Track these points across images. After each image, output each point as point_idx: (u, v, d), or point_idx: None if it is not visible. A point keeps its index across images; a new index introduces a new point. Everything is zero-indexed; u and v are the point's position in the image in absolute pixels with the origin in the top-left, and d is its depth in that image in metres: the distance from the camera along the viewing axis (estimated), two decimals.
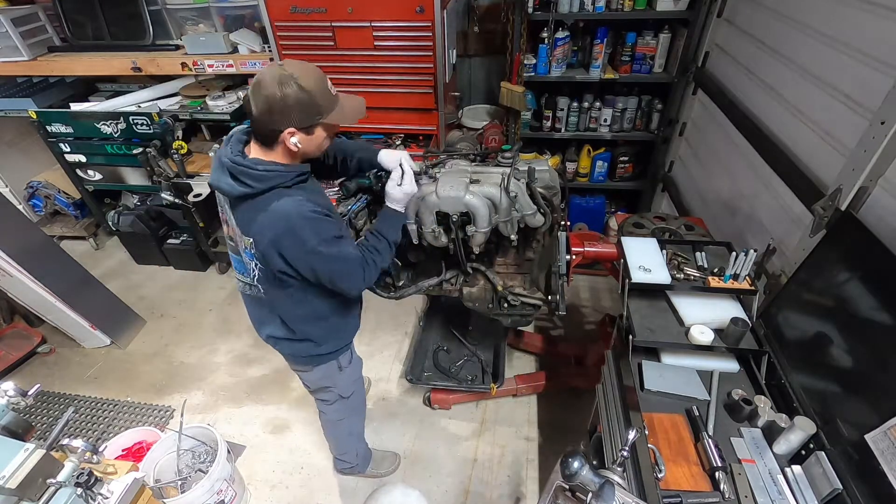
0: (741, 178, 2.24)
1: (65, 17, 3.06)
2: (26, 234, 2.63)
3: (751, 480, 1.23)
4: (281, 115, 1.20)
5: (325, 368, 1.69)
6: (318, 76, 1.25)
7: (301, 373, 1.76)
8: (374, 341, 2.98)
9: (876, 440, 1.12)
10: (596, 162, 3.25)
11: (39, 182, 3.76)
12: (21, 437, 1.31)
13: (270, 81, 1.17)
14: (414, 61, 2.54)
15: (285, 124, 1.21)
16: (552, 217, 1.71)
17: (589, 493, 1.01)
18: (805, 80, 1.79)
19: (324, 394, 1.84)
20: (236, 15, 2.93)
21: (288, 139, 1.24)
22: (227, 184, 1.26)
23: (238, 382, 2.77)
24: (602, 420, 1.63)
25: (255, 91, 1.19)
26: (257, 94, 1.19)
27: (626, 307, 1.69)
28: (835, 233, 1.47)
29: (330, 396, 1.84)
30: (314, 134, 1.28)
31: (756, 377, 1.50)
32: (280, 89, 1.16)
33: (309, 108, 1.22)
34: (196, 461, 2.06)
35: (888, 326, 1.20)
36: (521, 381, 2.52)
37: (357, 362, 1.86)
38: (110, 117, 2.93)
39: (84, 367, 2.91)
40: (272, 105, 1.18)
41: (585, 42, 2.89)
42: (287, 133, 1.23)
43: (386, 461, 2.28)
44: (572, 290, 3.24)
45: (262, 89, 1.18)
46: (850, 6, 1.56)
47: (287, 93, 1.17)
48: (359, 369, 1.89)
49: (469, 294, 1.98)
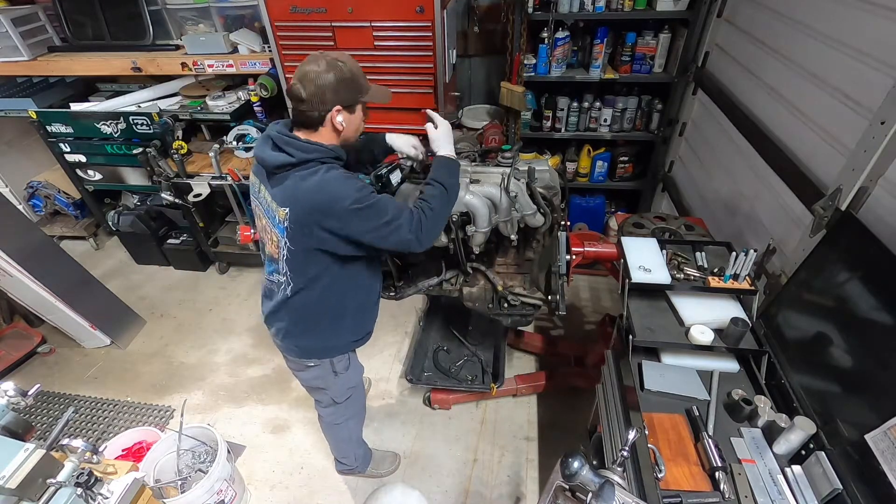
0: (741, 178, 2.24)
1: (65, 17, 3.05)
2: (26, 234, 2.63)
3: (751, 480, 1.23)
4: (333, 93, 1.31)
5: (319, 370, 1.69)
6: (356, 63, 1.38)
7: (297, 371, 1.76)
8: (374, 341, 2.95)
9: (876, 440, 1.12)
10: (596, 162, 3.25)
11: (39, 182, 3.77)
12: (21, 437, 1.31)
13: (322, 65, 1.29)
14: (414, 61, 2.54)
15: (334, 102, 1.32)
16: (552, 217, 1.71)
17: (589, 493, 1.01)
18: (805, 80, 1.79)
19: (318, 394, 1.85)
20: (236, 15, 2.93)
21: (335, 117, 1.35)
22: (270, 154, 1.34)
23: (238, 382, 2.77)
24: (602, 420, 1.63)
25: (304, 77, 1.30)
26: (307, 78, 1.29)
27: (626, 307, 1.69)
28: (835, 233, 1.47)
29: (324, 399, 1.85)
30: (355, 113, 1.40)
31: (756, 377, 1.50)
32: (331, 71, 1.30)
33: (353, 86, 1.35)
34: (196, 461, 2.06)
35: (888, 326, 1.20)
36: (521, 381, 2.52)
37: (356, 370, 1.84)
38: (110, 117, 2.93)
39: (84, 367, 2.91)
40: (325, 85, 1.30)
41: (585, 42, 2.89)
42: (335, 111, 1.34)
43: (386, 461, 2.28)
44: (572, 290, 3.24)
45: (313, 73, 1.29)
46: (850, 6, 1.56)
47: (337, 74, 1.30)
48: (356, 377, 1.86)
49: (469, 294, 1.98)
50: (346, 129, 1.38)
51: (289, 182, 1.33)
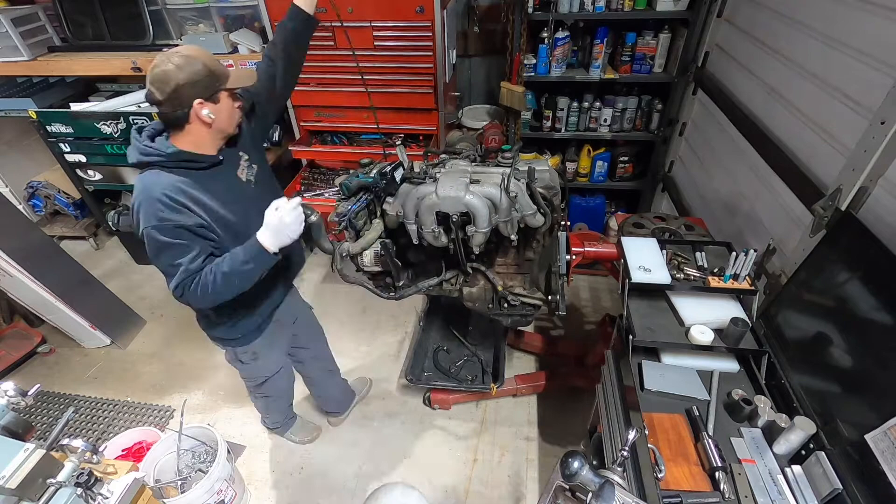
0: (741, 178, 2.24)
1: (65, 17, 3.06)
2: (26, 234, 2.63)
3: (751, 480, 1.23)
4: (190, 87, 1.29)
5: (228, 355, 1.84)
6: (205, 51, 1.35)
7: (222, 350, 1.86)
8: (374, 341, 2.98)
9: (876, 440, 1.12)
10: (596, 162, 3.25)
11: (39, 182, 3.77)
12: (21, 437, 1.30)
13: (171, 63, 1.27)
14: (414, 61, 2.54)
15: (192, 97, 1.30)
16: (552, 217, 1.71)
17: (589, 493, 1.01)
18: (805, 80, 1.79)
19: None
20: (236, 15, 2.93)
21: (200, 111, 1.33)
22: (129, 151, 1.37)
23: (238, 382, 2.73)
24: (602, 420, 1.63)
25: (156, 79, 1.28)
26: (159, 80, 1.28)
27: (626, 307, 1.69)
28: (835, 233, 1.47)
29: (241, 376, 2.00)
30: (221, 102, 1.37)
31: (756, 377, 1.50)
32: (183, 67, 1.27)
33: (209, 75, 1.32)
34: (196, 461, 2.06)
35: (888, 326, 1.20)
36: (521, 381, 2.52)
37: (267, 364, 1.89)
38: (110, 117, 2.92)
39: (84, 367, 2.92)
40: (179, 83, 1.27)
41: (585, 42, 2.89)
42: (197, 105, 1.31)
43: (304, 430, 2.42)
44: (572, 290, 3.24)
45: (164, 73, 1.27)
46: (850, 6, 1.56)
47: (189, 68, 1.28)
48: (267, 370, 1.93)
49: (469, 294, 1.98)
50: (216, 120, 1.37)
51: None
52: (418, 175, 1.70)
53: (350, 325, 3.08)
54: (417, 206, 1.63)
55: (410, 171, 1.73)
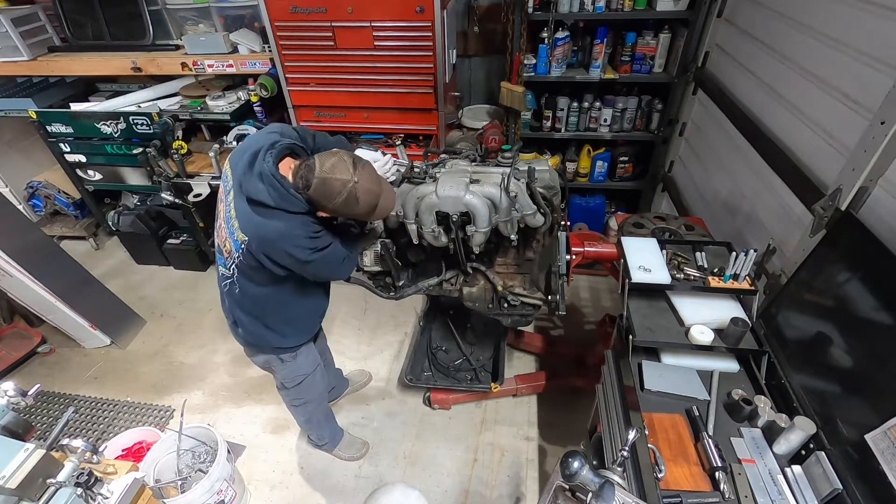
0: (741, 178, 2.24)
1: (65, 17, 3.05)
2: (26, 234, 2.63)
3: (751, 480, 1.23)
4: (339, 208, 1.37)
5: (264, 358, 1.83)
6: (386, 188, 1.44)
7: (251, 357, 1.87)
8: (374, 341, 2.98)
9: (876, 440, 1.12)
10: (596, 162, 3.25)
11: (39, 182, 3.76)
12: (21, 437, 1.31)
13: (342, 185, 1.32)
14: (414, 61, 2.54)
15: (331, 211, 1.40)
16: (552, 217, 1.71)
17: (589, 493, 1.01)
18: (805, 80, 1.79)
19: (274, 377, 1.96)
20: (236, 15, 2.93)
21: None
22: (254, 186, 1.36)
23: (238, 382, 2.77)
24: (602, 420, 1.63)
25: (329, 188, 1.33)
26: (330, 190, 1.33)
27: (626, 307, 1.69)
28: (835, 233, 1.47)
29: (277, 382, 1.98)
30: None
31: (756, 377, 1.50)
32: (357, 200, 1.35)
33: (366, 214, 1.42)
34: (196, 461, 2.06)
35: (888, 326, 1.20)
36: (521, 381, 2.52)
37: (306, 361, 1.90)
38: (110, 117, 2.92)
39: (84, 367, 2.91)
40: (335, 206, 1.36)
41: (585, 42, 2.89)
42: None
43: (354, 447, 2.36)
44: (572, 290, 3.24)
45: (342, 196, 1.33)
46: (850, 6, 1.56)
47: (362, 200, 1.35)
48: (307, 367, 1.93)
49: (469, 294, 1.98)
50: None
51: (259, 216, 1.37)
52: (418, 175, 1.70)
53: (350, 324, 3.08)
54: (417, 205, 1.63)
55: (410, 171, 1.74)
